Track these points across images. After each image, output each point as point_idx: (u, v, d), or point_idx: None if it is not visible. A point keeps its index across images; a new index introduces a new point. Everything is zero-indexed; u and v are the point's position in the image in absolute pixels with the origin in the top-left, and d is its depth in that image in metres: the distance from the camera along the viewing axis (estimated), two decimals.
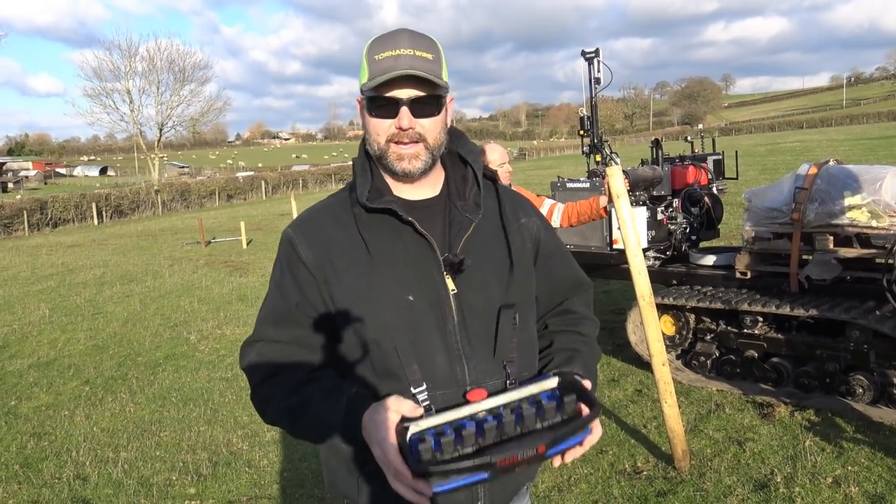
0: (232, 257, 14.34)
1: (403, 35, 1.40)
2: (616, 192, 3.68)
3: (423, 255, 1.42)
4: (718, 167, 6.75)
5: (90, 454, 4.70)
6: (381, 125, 1.42)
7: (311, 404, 1.38)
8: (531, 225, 1.58)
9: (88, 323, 8.89)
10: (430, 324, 1.40)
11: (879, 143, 32.71)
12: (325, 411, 1.35)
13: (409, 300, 1.39)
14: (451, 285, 1.42)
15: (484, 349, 1.42)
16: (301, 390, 1.40)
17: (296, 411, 1.40)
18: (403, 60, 1.37)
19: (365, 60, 1.41)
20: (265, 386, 1.46)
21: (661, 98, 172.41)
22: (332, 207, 1.51)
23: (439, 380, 1.38)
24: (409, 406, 1.24)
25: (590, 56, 6.82)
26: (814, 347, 4.62)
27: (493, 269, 1.47)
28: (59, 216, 27.87)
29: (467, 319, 1.42)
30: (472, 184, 1.52)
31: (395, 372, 1.38)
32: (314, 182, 43.77)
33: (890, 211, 4.35)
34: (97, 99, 41.82)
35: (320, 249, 1.44)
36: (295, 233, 1.49)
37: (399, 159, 1.42)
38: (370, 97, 1.41)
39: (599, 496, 3.66)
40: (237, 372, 6.33)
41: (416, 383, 1.36)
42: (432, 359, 1.39)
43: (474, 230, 1.46)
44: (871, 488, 3.49)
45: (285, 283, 1.48)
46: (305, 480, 4.11)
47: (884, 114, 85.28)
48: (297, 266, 1.46)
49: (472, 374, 1.40)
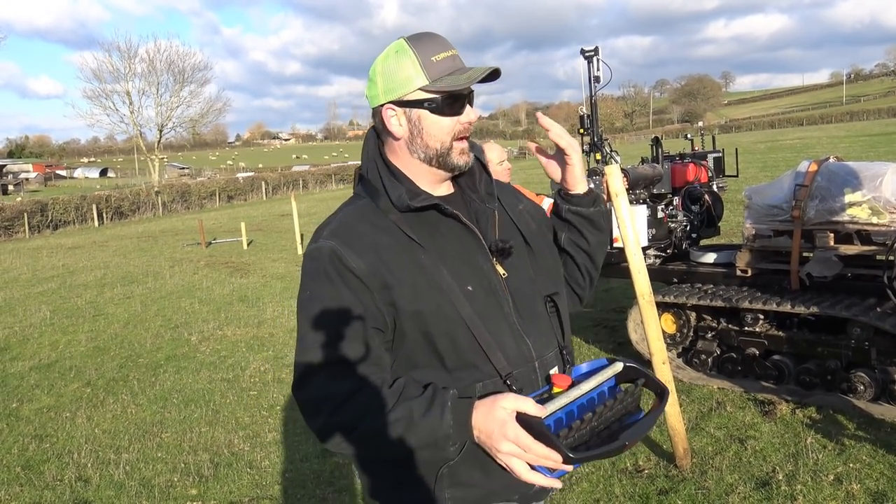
0: (233, 258, 14.35)
1: (442, 38, 1.46)
2: (614, 190, 3.68)
3: (469, 245, 1.48)
4: (718, 165, 6.74)
5: (92, 456, 4.70)
6: (451, 123, 1.46)
7: (413, 416, 1.32)
8: (529, 207, 1.69)
9: (89, 324, 8.89)
10: (492, 310, 1.46)
11: (880, 140, 32.69)
12: (430, 421, 1.31)
13: (470, 290, 1.44)
14: (501, 270, 1.50)
15: (534, 325, 1.52)
16: (395, 406, 1.33)
17: (395, 428, 1.33)
18: (458, 60, 1.45)
19: (418, 63, 1.42)
20: (346, 410, 1.36)
21: (660, 96, 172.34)
22: (361, 214, 1.48)
23: (513, 360, 1.45)
24: (532, 405, 1.29)
25: (589, 54, 6.81)
26: (815, 345, 4.62)
27: (520, 251, 1.55)
28: (59, 218, 27.88)
29: (517, 301, 1.50)
30: (480, 175, 1.58)
31: (471, 362, 1.43)
32: (314, 182, 43.77)
33: (890, 207, 4.34)
34: (97, 100, 41.86)
35: (370, 256, 1.41)
36: (338, 243, 1.42)
37: (462, 153, 1.49)
38: (445, 96, 1.44)
39: (601, 495, 3.65)
40: (238, 373, 6.33)
41: (505, 370, 1.43)
42: (503, 342, 1.45)
43: (499, 217, 1.55)
44: (872, 485, 3.49)
45: (341, 296, 1.40)
46: (307, 481, 4.11)
47: (884, 110, 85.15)
48: (348, 277, 1.40)
49: (535, 349, 1.50)
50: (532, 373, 1.48)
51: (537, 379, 1.48)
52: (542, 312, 1.55)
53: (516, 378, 1.44)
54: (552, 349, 1.54)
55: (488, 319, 1.44)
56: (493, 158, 4.13)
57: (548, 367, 1.51)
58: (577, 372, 1.50)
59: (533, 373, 1.48)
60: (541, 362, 1.50)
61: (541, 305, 1.55)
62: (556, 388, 1.38)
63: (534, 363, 1.48)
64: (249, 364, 6.54)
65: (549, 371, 1.51)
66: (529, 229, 1.62)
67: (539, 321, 1.53)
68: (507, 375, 1.42)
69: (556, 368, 1.53)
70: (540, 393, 1.41)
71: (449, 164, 1.49)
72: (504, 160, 4.22)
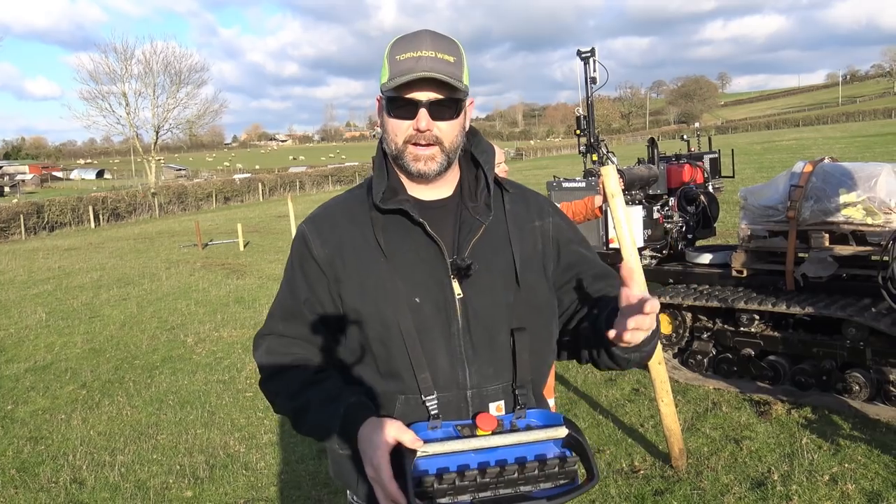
0: (229, 259, 14.33)
1: (426, 36, 1.41)
2: (610, 191, 3.68)
3: (432, 257, 1.43)
4: (715, 166, 6.75)
5: (87, 458, 4.69)
6: (400, 126, 1.42)
7: (309, 410, 1.42)
8: (547, 227, 1.55)
9: (85, 326, 8.87)
10: (434, 326, 1.41)
11: (876, 141, 32.77)
12: (322, 418, 1.40)
13: (416, 302, 1.41)
14: (457, 289, 1.42)
15: (485, 353, 1.42)
16: (303, 393, 1.44)
17: (297, 414, 1.46)
18: (424, 62, 1.37)
19: (386, 60, 1.42)
20: (272, 382, 1.52)
21: (657, 97, 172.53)
22: (348, 204, 1.53)
23: (441, 383, 1.39)
24: (410, 437, 1.27)
25: (586, 55, 6.82)
26: (810, 345, 4.62)
27: (501, 272, 1.46)
28: (55, 220, 27.79)
29: (471, 324, 1.42)
30: (483, 185, 1.51)
31: (399, 373, 1.40)
32: (311, 184, 43.74)
33: (885, 208, 4.35)
34: (93, 102, 41.80)
35: (333, 247, 1.46)
36: (309, 228, 1.51)
37: (415, 160, 1.43)
38: (390, 97, 1.42)
39: (597, 496, 3.65)
40: (234, 374, 6.32)
41: (427, 391, 1.38)
42: (435, 361, 1.40)
43: (484, 233, 1.46)
44: (867, 486, 3.49)
45: (296, 278, 1.51)
46: (302, 482, 4.10)
47: (880, 111, 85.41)
48: (308, 262, 1.48)
49: (473, 377, 1.41)
50: (462, 401, 1.40)
51: (467, 408, 1.40)
52: (502, 342, 1.43)
53: (439, 401, 1.37)
54: (500, 383, 1.42)
55: (428, 335, 1.40)
56: None
57: (487, 400, 1.41)
58: (530, 417, 1.38)
59: (463, 401, 1.40)
60: (477, 392, 1.40)
61: (504, 335, 1.43)
62: (479, 429, 1.31)
63: (466, 391, 1.40)
64: (245, 365, 6.53)
65: (492, 405, 1.41)
66: (531, 250, 1.50)
67: (494, 350, 1.43)
68: (428, 396, 1.37)
69: (503, 403, 1.42)
70: (462, 424, 1.34)
71: (404, 168, 1.45)
72: (501, 161, 4.21)
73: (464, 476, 1.22)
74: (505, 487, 1.26)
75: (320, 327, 1.48)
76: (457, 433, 1.32)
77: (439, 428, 1.32)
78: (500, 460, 1.28)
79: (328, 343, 1.49)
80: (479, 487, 1.24)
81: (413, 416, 1.37)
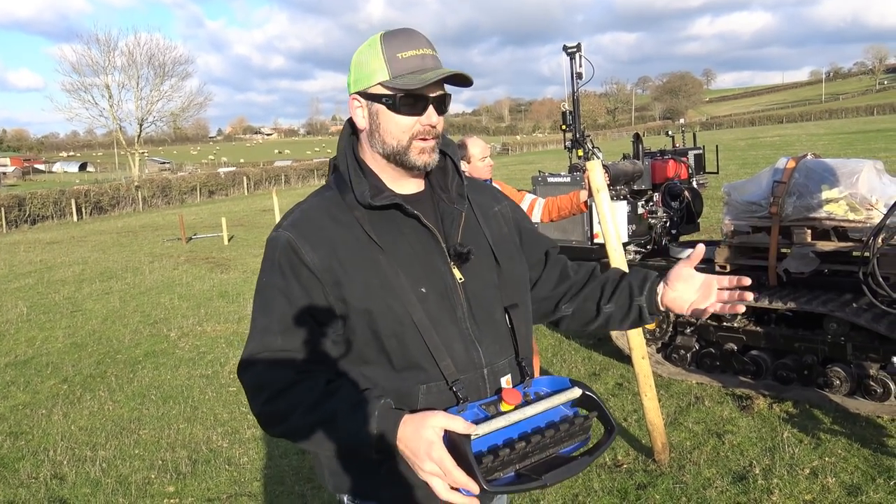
0: (213, 254, 14.24)
1: (419, 35, 1.46)
2: (596, 186, 3.69)
3: (427, 247, 1.47)
4: (699, 162, 6.79)
5: (68, 453, 4.64)
6: (408, 122, 1.44)
7: (336, 419, 1.35)
8: (505, 210, 1.67)
9: (67, 321, 8.79)
10: (444, 314, 1.45)
11: (857, 138, 33.07)
12: (353, 427, 1.33)
13: (423, 292, 1.43)
14: (458, 274, 1.48)
15: (489, 332, 1.49)
16: (323, 405, 1.37)
17: (320, 427, 1.38)
18: (429, 60, 1.43)
19: (383, 57, 1.43)
20: (280, 401, 1.40)
21: (643, 93, 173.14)
22: (324, 206, 1.50)
23: (460, 366, 1.44)
24: (462, 424, 1.26)
25: (572, 51, 6.82)
26: (792, 340, 4.66)
27: (485, 256, 1.53)
28: (37, 213, 27.48)
29: (473, 306, 1.48)
30: (452, 175, 1.56)
31: (419, 364, 1.42)
32: (297, 178, 43.53)
33: (866, 204, 4.39)
34: (76, 94, 41.51)
35: (325, 250, 1.43)
36: (294, 235, 1.45)
37: (422, 153, 1.46)
38: (402, 95, 1.42)
39: (580, 489, 3.67)
40: (217, 369, 6.28)
41: (452, 376, 1.41)
42: (451, 346, 1.44)
43: (465, 220, 1.53)
44: (847, 479, 3.53)
45: (291, 288, 1.44)
46: (286, 477, 4.09)
47: (862, 108, 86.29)
48: (300, 269, 1.43)
49: (486, 356, 1.47)
50: (480, 380, 1.46)
51: (485, 386, 1.46)
52: (500, 320, 1.52)
53: (462, 383, 1.41)
54: (506, 357, 1.51)
55: (439, 323, 1.43)
56: (476, 154, 4.12)
57: (499, 376, 1.48)
58: (538, 385, 1.47)
59: (481, 380, 1.46)
60: (491, 370, 1.47)
61: (499, 313, 1.52)
62: (504, 404, 1.36)
63: (483, 370, 1.46)
64: (229, 360, 6.50)
65: (502, 379, 1.48)
66: (500, 234, 1.60)
67: (495, 328, 1.51)
68: (453, 381, 1.41)
69: (510, 377, 1.50)
70: (487, 402, 1.39)
71: (407, 163, 1.47)
72: (486, 156, 4.21)
73: (513, 448, 1.28)
74: (539, 453, 1.34)
75: (324, 334, 1.44)
76: (484, 412, 1.36)
77: (466, 410, 1.35)
78: (536, 428, 1.35)
79: (333, 349, 1.45)
80: (521, 458, 1.31)
81: (437, 404, 1.39)
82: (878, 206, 4.35)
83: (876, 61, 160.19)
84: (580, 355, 5.83)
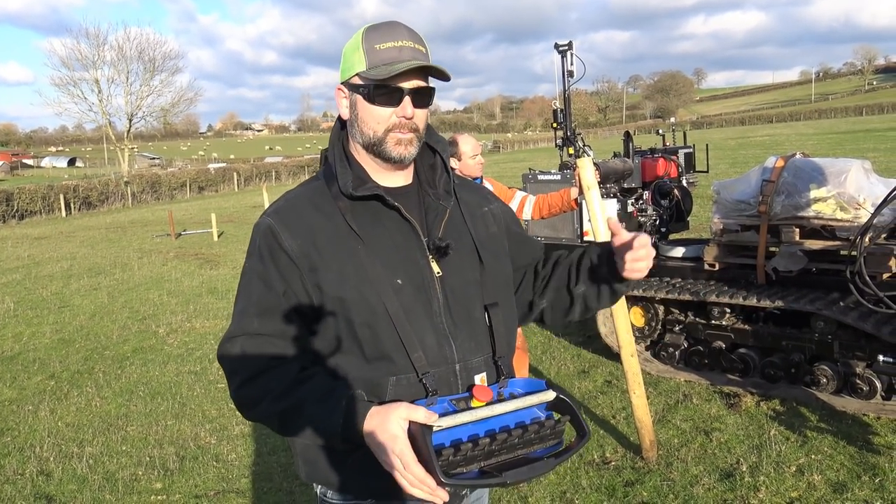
0: (203, 250, 14.18)
1: (401, 27, 1.46)
2: (586, 183, 3.69)
3: (407, 239, 1.48)
4: (689, 160, 6.81)
5: (54, 449, 4.62)
6: (383, 113, 1.45)
7: (304, 408, 1.37)
8: (496, 210, 1.68)
9: (54, 316, 8.74)
10: (418, 306, 1.45)
11: (846, 138, 33.26)
12: (321, 416, 1.36)
13: (399, 284, 1.44)
14: (436, 268, 1.48)
15: (465, 328, 1.49)
16: (292, 393, 1.39)
17: (288, 415, 1.40)
18: (407, 52, 1.43)
19: (362, 49, 1.45)
20: (252, 386, 1.43)
21: (634, 91, 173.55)
22: (308, 196, 1.52)
23: (431, 359, 1.44)
24: (423, 413, 1.27)
25: (563, 49, 6.83)
26: (780, 338, 4.68)
27: (467, 253, 1.54)
28: (25, 208, 27.26)
29: (450, 301, 1.48)
30: (440, 172, 1.58)
31: (389, 355, 1.42)
32: (287, 174, 43.38)
33: (854, 203, 4.41)
34: (65, 88, 41.17)
35: (303, 237, 1.45)
36: (275, 221, 1.48)
37: (397, 144, 1.47)
38: (374, 85, 1.44)
39: (568, 486, 3.67)
40: (206, 365, 6.26)
41: (423, 369, 1.42)
42: (423, 339, 1.44)
43: (449, 216, 1.53)
44: (833, 476, 3.55)
45: (269, 272, 1.46)
46: (274, 474, 4.08)
47: (851, 108, 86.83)
48: (279, 255, 1.45)
49: (458, 352, 1.47)
50: (451, 375, 1.46)
51: (457, 382, 1.46)
52: (478, 318, 1.52)
53: (433, 377, 1.42)
54: (481, 355, 1.50)
55: (413, 315, 1.44)
56: (467, 151, 4.13)
57: (473, 373, 1.48)
58: (513, 386, 1.46)
59: (452, 375, 1.46)
60: (464, 366, 1.47)
61: (479, 310, 1.52)
62: (475, 400, 1.36)
63: (455, 365, 1.46)
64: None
65: (476, 377, 1.48)
66: (487, 232, 1.61)
67: (472, 325, 1.51)
68: (423, 373, 1.41)
69: (486, 375, 1.50)
70: (457, 398, 1.38)
71: (383, 154, 1.48)
72: (478, 154, 4.21)
73: (477, 445, 1.27)
74: (507, 453, 1.32)
75: (299, 319, 1.46)
76: (454, 407, 1.35)
77: (436, 404, 1.35)
78: (504, 427, 1.34)
79: (307, 335, 1.47)
80: (486, 455, 1.29)
81: (406, 396, 1.40)
82: (865, 205, 4.37)
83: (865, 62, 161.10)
84: (569, 353, 5.84)
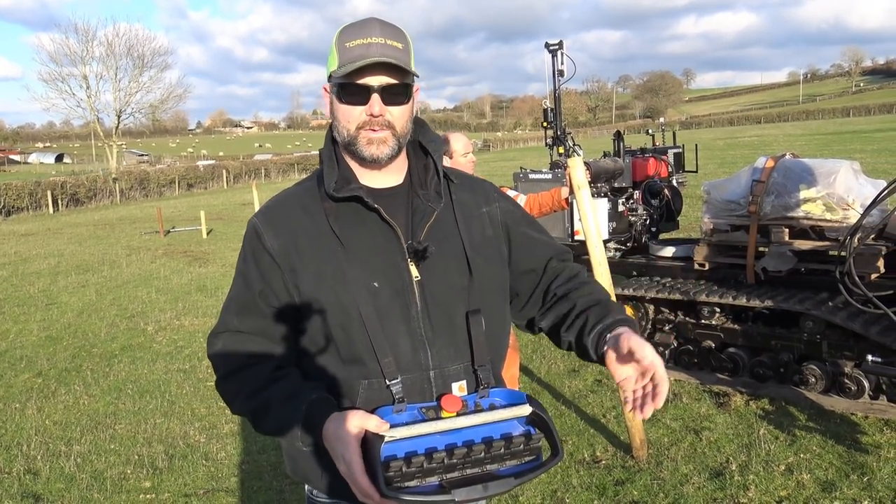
0: (191, 247, 14.11)
1: (374, 24, 1.43)
2: (577, 183, 3.70)
3: (387, 242, 1.45)
4: (679, 160, 6.82)
5: (42, 448, 4.58)
6: (352, 112, 1.43)
7: (270, 409, 1.40)
8: (494, 212, 1.59)
9: (42, 313, 8.67)
10: (394, 310, 1.43)
11: (834, 139, 33.49)
12: (283, 417, 1.38)
13: (375, 287, 1.42)
14: (415, 272, 1.45)
15: (444, 334, 1.46)
16: (262, 392, 1.42)
17: (257, 414, 1.44)
18: (375, 48, 1.40)
19: (335, 48, 1.44)
20: (229, 381, 1.48)
21: (623, 91, 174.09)
22: (298, 196, 1.52)
23: (404, 365, 1.42)
24: (375, 423, 1.25)
25: (553, 48, 6.83)
26: (769, 338, 4.71)
27: (454, 257, 1.49)
28: (12, 204, 27.04)
29: (430, 306, 1.45)
30: (432, 173, 1.55)
31: (361, 358, 1.41)
32: (277, 171, 43.23)
33: (843, 204, 4.44)
34: (53, 84, 40.86)
35: (286, 238, 1.45)
36: (260, 221, 1.49)
37: (369, 144, 1.44)
38: (341, 84, 1.43)
39: (558, 485, 3.68)
40: (195, 363, 6.23)
41: (391, 374, 1.39)
42: (397, 344, 1.42)
43: (436, 219, 1.49)
44: (822, 475, 3.57)
45: (249, 271, 1.49)
46: (264, 472, 4.06)
47: (838, 110, 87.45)
48: (261, 254, 1.47)
49: (434, 359, 1.44)
50: (425, 381, 1.43)
51: (431, 389, 1.43)
52: (459, 323, 1.47)
53: (403, 383, 1.40)
54: (460, 363, 1.46)
55: (387, 319, 1.42)
56: (458, 150, 4.12)
57: (450, 380, 1.44)
58: (494, 396, 1.39)
59: (427, 382, 1.43)
60: (439, 373, 1.44)
61: (461, 316, 1.47)
62: (444, 410, 1.31)
63: (429, 372, 1.43)
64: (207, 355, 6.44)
65: (454, 385, 1.44)
66: (482, 235, 1.54)
67: (453, 332, 1.46)
68: (391, 379, 1.39)
69: (464, 383, 1.45)
70: (427, 406, 1.34)
71: (357, 154, 1.46)
72: (469, 152, 4.20)
73: (432, 458, 1.23)
74: (472, 467, 1.27)
75: (277, 319, 1.47)
76: (422, 416, 1.32)
77: (405, 411, 1.32)
78: (468, 440, 1.29)
79: (285, 334, 1.48)
80: (446, 469, 1.25)
81: (377, 401, 1.39)
82: (854, 205, 4.40)
83: (853, 63, 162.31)
84: (559, 352, 5.85)
